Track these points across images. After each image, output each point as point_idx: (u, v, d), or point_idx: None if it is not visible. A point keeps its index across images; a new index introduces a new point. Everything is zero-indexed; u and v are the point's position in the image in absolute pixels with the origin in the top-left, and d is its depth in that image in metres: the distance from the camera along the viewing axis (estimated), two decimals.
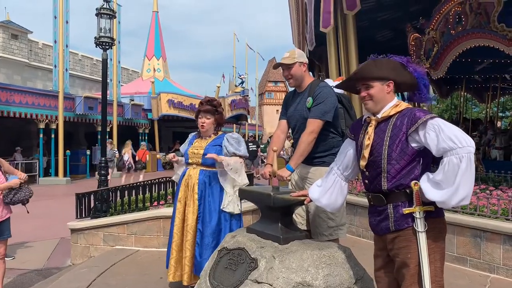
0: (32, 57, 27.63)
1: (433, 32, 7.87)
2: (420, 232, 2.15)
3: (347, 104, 3.38)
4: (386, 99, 2.32)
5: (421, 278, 2.13)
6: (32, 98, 16.86)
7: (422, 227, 2.15)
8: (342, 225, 3.16)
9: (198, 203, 3.77)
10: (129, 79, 36.58)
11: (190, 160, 3.87)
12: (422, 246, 2.14)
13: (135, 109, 23.01)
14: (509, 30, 6.29)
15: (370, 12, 9.74)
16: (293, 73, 3.19)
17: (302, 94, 3.24)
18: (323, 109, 3.04)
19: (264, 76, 64.03)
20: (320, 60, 11.17)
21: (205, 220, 3.74)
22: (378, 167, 2.25)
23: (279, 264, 2.27)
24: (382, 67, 2.33)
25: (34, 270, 6.06)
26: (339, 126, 3.25)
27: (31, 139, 19.81)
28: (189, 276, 3.73)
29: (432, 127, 2.11)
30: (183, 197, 3.85)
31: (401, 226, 2.21)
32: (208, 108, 3.87)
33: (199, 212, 3.76)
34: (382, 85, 2.31)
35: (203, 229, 3.73)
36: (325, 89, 3.12)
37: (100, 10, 8.21)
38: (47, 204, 11.55)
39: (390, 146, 2.21)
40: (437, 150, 2.09)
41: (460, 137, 2.04)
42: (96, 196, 6.37)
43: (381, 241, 2.39)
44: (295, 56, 3.16)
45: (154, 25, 29.30)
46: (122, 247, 5.87)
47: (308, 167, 3.18)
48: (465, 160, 2.00)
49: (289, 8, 11.72)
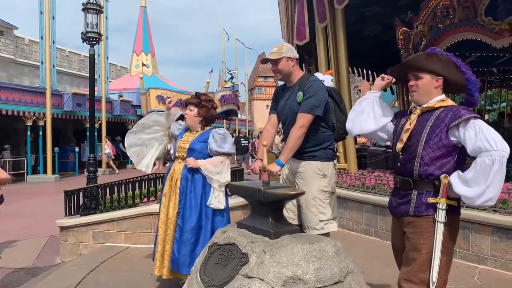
0: (18, 53, 27.23)
1: (421, 26, 7.90)
2: (440, 222, 2.25)
3: (338, 98, 3.37)
4: (432, 93, 2.40)
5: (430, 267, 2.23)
6: (19, 95, 16.61)
7: (443, 218, 2.26)
8: (333, 219, 3.15)
9: (179, 198, 3.77)
10: (118, 75, 36.25)
11: (177, 153, 3.89)
12: (439, 236, 2.25)
13: (124, 105, 22.82)
14: (496, 24, 6.33)
15: (358, 7, 9.73)
16: (280, 68, 3.17)
17: (292, 88, 3.21)
18: (313, 103, 3.02)
19: (254, 71, 63.96)
20: (310, 54, 11.16)
21: (185, 216, 3.73)
22: (414, 152, 2.35)
23: (269, 259, 2.27)
24: (435, 61, 2.39)
25: (23, 268, 6.00)
26: (329, 120, 3.23)
27: (18, 136, 19.55)
28: (168, 270, 3.75)
29: (473, 125, 2.20)
30: (168, 191, 3.86)
31: (420, 213, 2.33)
32: (191, 101, 3.90)
33: (180, 207, 3.76)
34: (432, 79, 2.39)
35: (183, 225, 3.72)
36: (315, 83, 3.10)
37: (86, 5, 8.10)
38: (35, 202, 11.43)
39: (430, 134, 2.31)
40: (473, 148, 2.18)
41: (497, 140, 2.13)
42: (85, 193, 6.32)
43: (398, 222, 2.52)
44: (282, 51, 3.13)
45: (142, 21, 29.01)
46: (112, 244, 5.84)
47: (298, 162, 3.17)
48: (497, 163, 2.10)
49: (278, 4, 11.68)
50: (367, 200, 5.93)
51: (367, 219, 5.96)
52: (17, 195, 11.92)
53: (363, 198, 6.01)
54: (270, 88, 60.18)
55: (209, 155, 3.79)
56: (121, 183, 6.29)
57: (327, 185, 3.13)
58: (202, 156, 3.77)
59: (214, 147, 3.77)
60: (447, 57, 2.42)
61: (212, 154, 3.79)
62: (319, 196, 3.09)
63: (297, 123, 3.02)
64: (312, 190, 3.07)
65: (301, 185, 3.13)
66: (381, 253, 5.03)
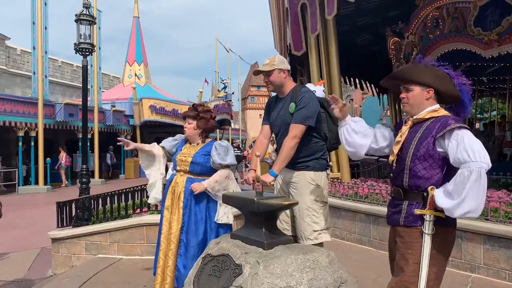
0: (10, 63, 27.11)
1: (412, 36, 8.00)
2: (427, 234, 2.26)
3: (329, 108, 3.40)
4: (424, 105, 2.39)
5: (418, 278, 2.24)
6: (11, 105, 16.51)
7: (430, 230, 2.27)
8: (326, 229, 3.17)
9: (183, 212, 3.66)
10: (110, 85, 36.18)
11: (178, 167, 3.78)
12: (426, 247, 2.26)
13: (117, 115, 22.76)
14: (485, 34, 6.44)
15: (350, 17, 9.86)
16: (272, 80, 3.20)
17: (285, 99, 3.25)
18: (305, 114, 3.05)
19: (247, 80, 64.16)
20: (302, 64, 11.25)
21: (189, 230, 3.64)
22: (403, 163, 2.38)
23: (263, 270, 2.27)
24: (424, 73, 2.39)
25: (14, 281, 5.94)
26: (322, 130, 3.26)
27: (9, 147, 19.39)
28: (170, 286, 3.62)
29: (456, 136, 2.20)
30: (170, 204, 3.74)
31: (409, 224, 2.34)
32: (189, 114, 3.81)
33: (183, 221, 3.66)
34: (422, 91, 2.38)
35: (188, 240, 3.62)
36: (307, 94, 3.14)
37: (79, 16, 8.12)
38: (27, 214, 11.33)
39: (417, 145, 2.32)
40: (453, 159, 2.19)
41: (476, 151, 2.12)
42: (78, 204, 6.28)
43: (392, 231, 2.54)
44: (274, 63, 3.17)
45: (135, 31, 29.08)
46: (105, 256, 5.79)
47: (292, 172, 3.19)
48: (475, 174, 2.09)
49: (270, 14, 11.78)
50: (360, 209, 5.94)
51: (360, 229, 5.97)
52: (8, 207, 11.75)
53: (356, 207, 6.03)
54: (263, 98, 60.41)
55: (211, 168, 3.73)
56: (114, 194, 6.26)
57: (320, 195, 3.15)
58: (205, 169, 3.70)
59: (217, 160, 3.68)
60: (437, 68, 2.42)
61: (214, 167, 3.71)
62: (313, 206, 3.12)
63: (290, 133, 3.05)
64: (305, 200, 3.10)
65: (295, 196, 3.15)
66: (375, 262, 5.04)
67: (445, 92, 2.39)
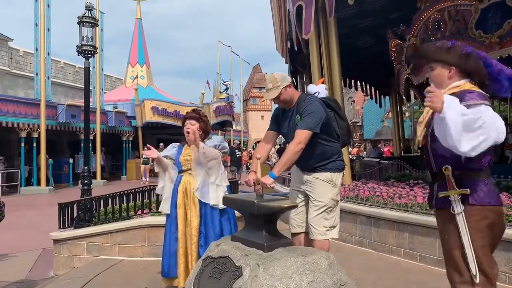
0: (13, 64, 27.20)
1: (413, 38, 8.00)
2: (457, 214, 2.22)
3: (335, 106, 3.49)
4: (448, 83, 2.35)
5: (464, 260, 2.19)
6: (13, 106, 16.58)
7: (458, 209, 2.22)
8: (334, 226, 3.33)
9: (199, 206, 3.85)
10: (112, 86, 36.27)
11: (184, 167, 3.96)
12: (461, 227, 2.20)
13: (119, 117, 22.81)
14: (486, 37, 6.45)
15: (351, 19, 9.87)
16: (283, 99, 3.29)
17: (292, 111, 3.33)
18: (310, 121, 3.12)
19: (249, 82, 64.20)
20: (303, 66, 11.25)
21: (207, 222, 3.83)
22: (427, 145, 2.37)
23: (263, 272, 2.28)
24: (445, 52, 2.36)
25: (16, 282, 5.95)
26: (333, 132, 3.37)
27: (12, 148, 19.46)
28: None
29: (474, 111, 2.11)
30: (182, 203, 3.90)
31: (441, 206, 2.33)
32: (193, 115, 3.97)
33: (201, 215, 3.85)
34: (443, 69, 2.36)
35: (206, 231, 3.82)
36: (310, 103, 3.20)
37: (82, 19, 8.14)
38: (29, 214, 11.36)
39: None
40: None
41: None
42: (79, 205, 6.29)
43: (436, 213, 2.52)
44: (278, 84, 3.23)
45: (138, 32, 29.13)
46: (106, 257, 5.81)
47: (310, 174, 3.32)
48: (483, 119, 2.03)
49: (272, 15, 11.79)
50: (361, 211, 5.95)
51: (361, 231, 5.98)
52: (10, 207, 11.78)
53: (357, 209, 6.03)
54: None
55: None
56: (115, 195, 6.28)
57: (334, 195, 3.31)
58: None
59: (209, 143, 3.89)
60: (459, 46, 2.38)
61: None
62: (329, 204, 3.27)
63: (296, 139, 3.11)
64: (321, 199, 3.26)
65: (312, 194, 3.30)
66: (375, 264, 5.05)
67: (470, 70, 2.34)
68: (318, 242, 3.25)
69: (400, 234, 5.31)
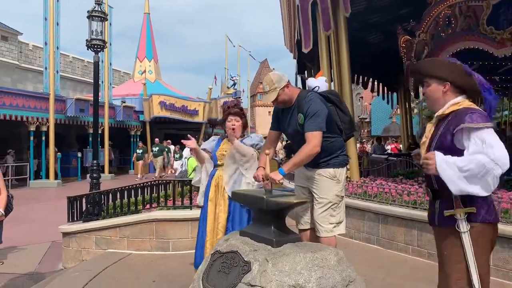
0: (22, 58, 27.40)
1: (423, 34, 7.92)
2: (463, 232, 2.20)
3: (336, 99, 3.44)
4: (443, 99, 2.35)
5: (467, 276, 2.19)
6: (23, 100, 16.70)
7: (464, 227, 2.20)
8: (341, 222, 3.31)
9: (228, 202, 3.81)
10: (121, 81, 36.39)
11: (219, 161, 3.91)
12: (467, 246, 2.20)
13: (127, 111, 22.87)
14: (498, 33, 6.37)
15: (360, 15, 9.80)
16: (281, 100, 3.23)
17: (291, 109, 3.27)
18: (318, 121, 3.08)
19: (256, 77, 64.09)
20: (312, 62, 11.21)
21: (235, 219, 3.79)
22: None
23: (272, 267, 2.28)
24: (439, 67, 2.36)
25: (25, 274, 6.02)
26: (334, 126, 3.32)
27: (21, 141, 19.62)
28: None
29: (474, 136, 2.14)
30: (214, 197, 3.89)
31: (443, 223, 2.31)
32: (237, 111, 3.93)
33: (229, 211, 3.81)
34: (438, 85, 2.35)
35: (233, 228, 3.77)
36: (312, 101, 3.15)
37: (91, 13, 8.16)
38: (38, 208, 11.46)
39: (438, 144, 2.28)
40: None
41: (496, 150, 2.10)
42: (88, 199, 6.34)
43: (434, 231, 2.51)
44: (275, 86, 3.15)
45: (146, 27, 29.16)
46: (115, 251, 5.85)
47: (313, 170, 3.29)
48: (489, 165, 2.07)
49: (281, 11, 11.75)
50: (369, 208, 5.93)
51: (369, 228, 5.96)
52: (19, 200, 11.89)
53: (365, 206, 6.01)
54: None
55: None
56: (124, 189, 6.32)
57: (339, 190, 3.28)
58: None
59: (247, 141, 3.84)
60: (453, 62, 2.38)
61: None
62: (333, 200, 3.25)
63: (311, 142, 3.04)
64: (325, 195, 3.23)
65: (316, 191, 3.27)
66: (383, 261, 5.04)
67: (464, 86, 2.33)
68: (325, 239, 3.21)
69: (409, 231, 5.29)
